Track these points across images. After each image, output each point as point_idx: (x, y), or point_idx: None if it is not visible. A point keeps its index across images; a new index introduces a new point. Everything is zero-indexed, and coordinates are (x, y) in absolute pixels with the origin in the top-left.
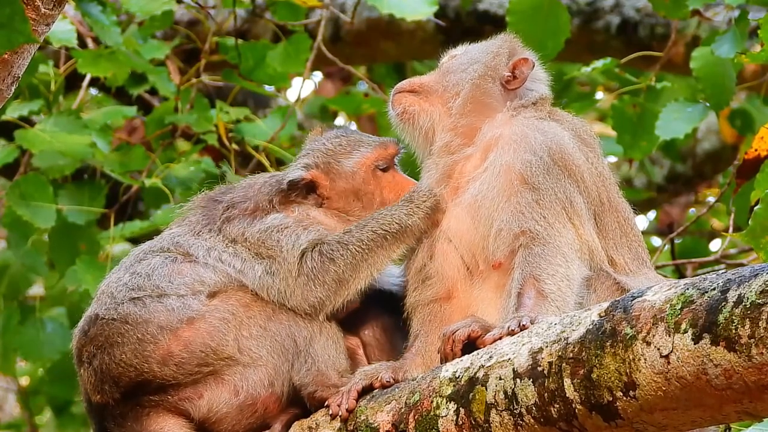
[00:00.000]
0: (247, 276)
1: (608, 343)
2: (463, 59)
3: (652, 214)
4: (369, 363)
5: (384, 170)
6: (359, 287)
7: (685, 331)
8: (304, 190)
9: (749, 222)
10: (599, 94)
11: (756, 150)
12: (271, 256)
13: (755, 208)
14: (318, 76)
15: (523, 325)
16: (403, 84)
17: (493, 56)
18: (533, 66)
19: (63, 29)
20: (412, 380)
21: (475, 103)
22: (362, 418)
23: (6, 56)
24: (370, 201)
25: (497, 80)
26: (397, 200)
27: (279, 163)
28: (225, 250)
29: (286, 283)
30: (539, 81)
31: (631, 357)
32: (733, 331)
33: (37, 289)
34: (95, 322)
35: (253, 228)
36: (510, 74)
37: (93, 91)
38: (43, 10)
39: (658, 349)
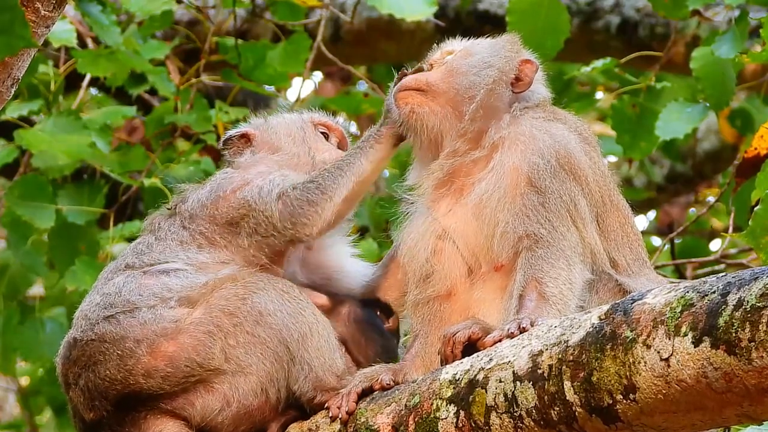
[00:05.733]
0: (234, 264)
1: (608, 346)
2: (474, 61)
3: (652, 214)
4: (353, 359)
5: (324, 136)
6: (345, 195)
7: (685, 335)
8: (239, 146)
9: (749, 222)
10: (599, 94)
11: (756, 149)
12: (244, 215)
13: (755, 208)
14: (318, 76)
15: (523, 328)
16: (409, 81)
17: (506, 60)
18: (537, 69)
19: (63, 29)
20: (412, 382)
21: (486, 108)
22: (362, 420)
23: (6, 59)
24: (302, 138)
25: (507, 84)
26: (328, 160)
27: None
28: (189, 244)
29: (274, 226)
30: (538, 81)
31: (631, 360)
32: (733, 334)
33: (37, 289)
34: (75, 345)
35: (204, 190)
36: (514, 76)
37: (93, 91)
38: (42, 12)
39: (658, 352)
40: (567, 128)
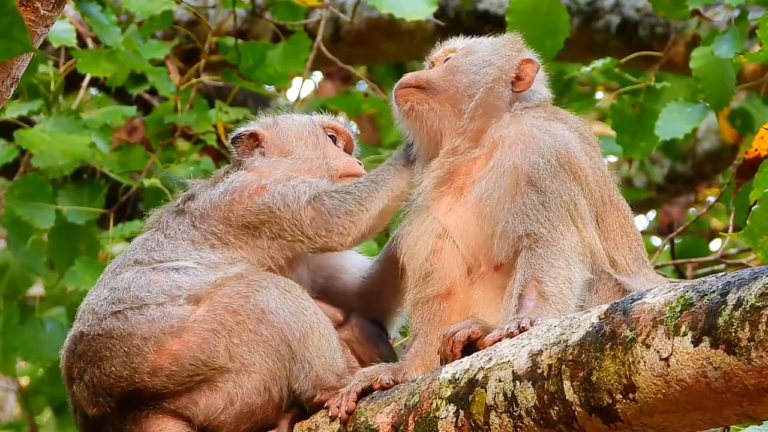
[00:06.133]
0: (245, 261)
1: (608, 346)
2: (475, 59)
3: (652, 214)
4: (358, 360)
5: (332, 139)
6: (380, 209)
7: (685, 334)
8: (248, 145)
9: (747, 222)
10: (599, 94)
11: (756, 150)
12: (265, 221)
13: (753, 207)
14: (318, 76)
15: (523, 327)
16: (409, 79)
17: (507, 59)
18: (538, 68)
19: (62, 29)
20: (412, 382)
21: (486, 106)
22: (362, 419)
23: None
24: (314, 143)
25: (508, 83)
26: (340, 166)
27: None
28: (202, 244)
29: (303, 233)
30: (539, 81)
31: (630, 360)
32: (733, 334)
33: (37, 289)
34: (81, 340)
35: (216, 190)
36: (515, 75)
37: (93, 91)
38: (42, 11)
39: (658, 351)
40: (567, 128)
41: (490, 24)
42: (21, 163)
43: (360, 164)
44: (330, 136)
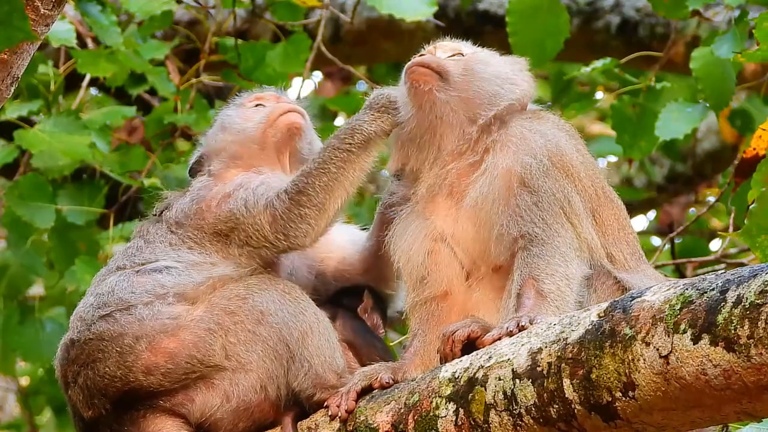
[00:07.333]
0: (226, 263)
1: (607, 344)
2: (496, 72)
3: (652, 214)
4: (359, 361)
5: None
6: (339, 206)
7: (684, 332)
8: (202, 167)
9: (745, 221)
10: (599, 94)
11: (754, 149)
12: (233, 227)
13: (751, 207)
14: (318, 76)
15: (522, 326)
16: (429, 60)
17: (530, 86)
18: (526, 67)
19: (62, 29)
20: (412, 381)
21: (497, 119)
22: (361, 418)
23: (5, 56)
24: (241, 128)
25: (524, 105)
26: (269, 114)
27: None
28: (179, 246)
29: (266, 238)
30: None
31: (630, 357)
32: (732, 331)
33: (37, 289)
34: (73, 346)
35: (185, 200)
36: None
37: (93, 91)
38: (42, 10)
39: (657, 349)
40: (554, 126)
41: (490, 24)
42: (21, 163)
43: (290, 103)
44: (257, 106)
